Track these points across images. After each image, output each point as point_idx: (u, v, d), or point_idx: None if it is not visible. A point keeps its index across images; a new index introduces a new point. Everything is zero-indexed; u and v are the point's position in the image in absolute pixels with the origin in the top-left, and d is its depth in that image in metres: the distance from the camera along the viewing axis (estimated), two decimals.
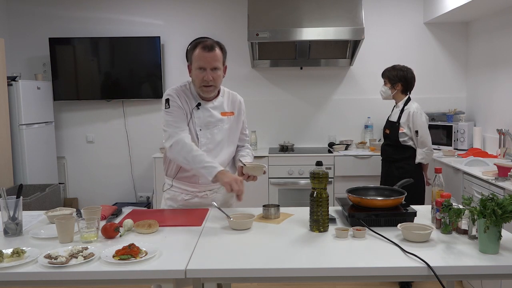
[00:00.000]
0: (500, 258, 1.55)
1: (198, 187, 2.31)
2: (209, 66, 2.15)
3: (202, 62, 2.15)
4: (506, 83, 3.92)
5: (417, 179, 3.14)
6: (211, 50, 2.15)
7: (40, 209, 2.62)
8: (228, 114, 2.33)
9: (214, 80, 2.18)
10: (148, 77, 4.72)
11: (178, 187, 2.35)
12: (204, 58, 2.15)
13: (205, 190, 2.32)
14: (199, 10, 4.76)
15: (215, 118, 2.28)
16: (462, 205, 1.78)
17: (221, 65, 2.21)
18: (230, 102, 2.36)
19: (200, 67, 2.16)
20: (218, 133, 2.28)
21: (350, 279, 1.55)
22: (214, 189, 2.34)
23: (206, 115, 2.26)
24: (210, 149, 2.25)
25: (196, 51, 2.17)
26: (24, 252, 1.60)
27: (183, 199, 2.33)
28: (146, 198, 4.94)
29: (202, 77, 2.16)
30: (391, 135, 3.44)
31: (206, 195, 2.33)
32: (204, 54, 2.14)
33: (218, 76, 2.20)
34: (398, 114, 3.42)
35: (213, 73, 2.17)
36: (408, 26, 4.70)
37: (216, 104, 2.30)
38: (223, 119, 2.30)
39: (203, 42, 2.18)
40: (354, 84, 4.80)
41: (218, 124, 2.28)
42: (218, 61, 2.17)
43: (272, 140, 4.83)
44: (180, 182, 2.33)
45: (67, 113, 4.91)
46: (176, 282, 1.53)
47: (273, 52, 4.64)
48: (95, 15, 4.79)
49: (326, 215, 1.86)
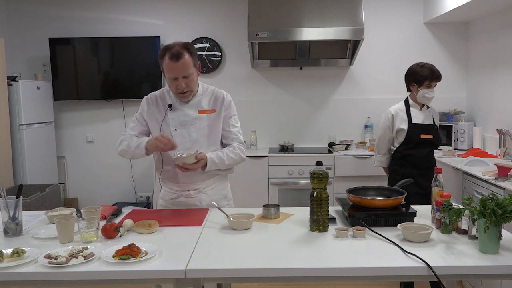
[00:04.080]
0: (500, 258, 1.55)
1: (181, 186, 2.32)
2: (180, 75, 2.15)
3: (172, 73, 2.15)
4: (506, 83, 3.92)
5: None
6: (178, 59, 2.12)
7: (40, 209, 2.63)
8: (208, 112, 2.29)
9: (187, 86, 2.20)
10: (148, 77, 4.72)
11: (166, 186, 2.39)
12: (174, 69, 2.14)
13: (188, 189, 2.32)
14: (199, 10, 4.76)
15: (191, 116, 2.27)
16: (462, 205, 1.78)
17: (192, 69, 2.19)
18: (212, 100, 2.33)
19: (172, 78, 2.17)
20: (195, 131, 2.27)
21: (350, 279, 1.55)
22: (199, 189, 2.32)
23: (180, 114, 2.27)
24: (188, 148, 2.23)
25: (165, 61, 2.15)
26: (24, 252, 1.60)
27: (170, 198, 2.35)
28: (146, 198, 4.94)
29: (175, 86, 2.18)
30: (435, 139, 3.18)
31: (190, 194, 2.32)
32: (172, 65, 2.13)
33: (191, 81, 2.20)
34: (428, 116, 3.21)
35: (186, 80, 2.17)
36: (408, 26, 4.70)
37: (192, 103, 2.29)
38: (200, 117, 2.28)
39: (170, 50, 2.14)
40: (354, 84, 4.80)
41: (195, 123, 2.27)
42: (187, 68, 2.15)
43: (272, 140, 4.83)
44: (166, 181, 2.37)
45: (67, 113, 4.91)
46: (176, 282, 1.53)
47: (273, 52, 4.64)
48: (95, 15, 4.79)
49: (326, 215, 1.86)
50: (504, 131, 3.75)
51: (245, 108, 4.57)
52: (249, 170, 4.18)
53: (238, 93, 4.63)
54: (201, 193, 2.33)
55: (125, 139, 2.31)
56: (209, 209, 2.25)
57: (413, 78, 3.15)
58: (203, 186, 2.32)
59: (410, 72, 3.20)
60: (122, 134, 2.38)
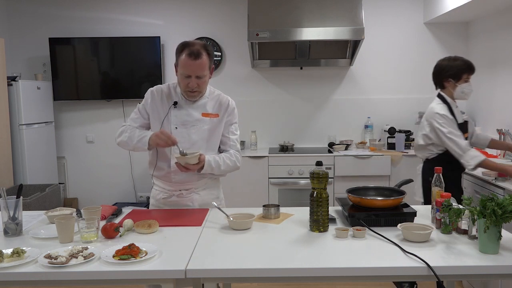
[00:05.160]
0: (500, 258, 1.55)
1: (173, 186, 2.30)
2: (194, 74, 2.14)
3: (187, 70, 2.13)
4: (506, 83, 3.92)
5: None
6: (197, 58, 2.11)
7: (40, 209, 2.63)
8: (211, 116, 2.28)
9: (199, 87, 2.18)
10: (148, 77, 4.72)
11: (158, 185, 2.37)
12: (190, 66, 2.12)
13: (180, 189, 2.30)
14: (199, 10, 4.76)
15: (193, 117, 2.26)
16: (462, 205, 1.78)
17: (207, 71, 2.19)
18: (217, 105, 2.31)
19: (186, 75, 2.15)
20: (196, 133, 2.25)
21: (350, 279, 1.55)
22: (191, 189, 2.31)
23: (184, 113, 2.26)
24: (186, 148, 2.21)
25: (183, 57, 2.13)
26: (24, 252, 1.60)
27: (161, 198, 2.33)
28: (146, 198, 4.94)
29: (187, 83, 2.17)
30: (468, 138, 3.02)
31: (182, 194, 2.30)
32: (190, 62, 2.11)
33: (203, 82, 2.20)
34: (459, 112, 3.02)
35: (198, 80, 2.16)
36: (408, 26, 4.70)
37: (198, 104, 2.28)
38: (203, 120, 2.27)
39: (190, 47, 2.13)
40: (354, 84, 4.80)
41: (196, 124, 2.26)
42: (203, 69, 2.15)
43: (272, 140, 4.84)
44: (159, 180, 2.35)
45: (67, 113, 4.91)
46: (176, 282, 1.53)
47: (273, 52, 4.64)
48: (95, 15, 4.79)
49: (326, 215, 1.86)
50: (504, 131, 3.75)
51: (245, 108, 4.57)
52: (249, 170, 4.18)
53: (238, 93, 4.64)
54: (193, 193, 2.32)
55: (125, 130, 2.27)
56: (209, 209, 2.25)
57: (450, 73, 2.95)
58: (195, 186, 2.31)
59: (444, 67, 2.98)
60: (122, 125, 2.34)
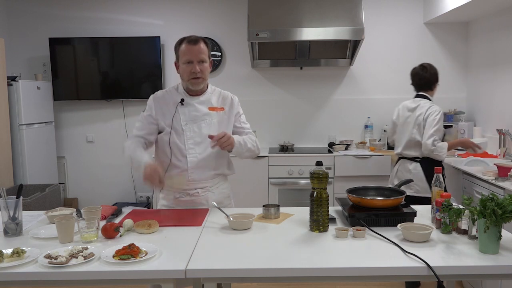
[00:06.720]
0: (500, 258, 1.55)
1: (188, 185, 2.30)
2: (196, 58, 2.22)
3: (188, 55, 2.22)
4: (506, 83, 3.92)
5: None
6: (196, 43, 2.23)
7: (40, 209, 2.63)
8: (218, 110, 2.35)
9: (202, 72, 2.24)
10: (148, 77, 4.72)
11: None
12: (190, 51, 2.22)
13: (195, 188, 2.31)
14: (199, 10, 4.76)
15: (201, 112, 2.30)
16: (462, 205, 1.78)
17: (207, 58, 2.27)
18: (220, 99, 2.39)
19: (188, 61, 2.22)
20: (206, 127, 2.29)
21: (350, 279, 1.55)
22: (206, 187, 2.32)
23: (191, 109, 2.30)
24: (198, 143, 2.27)
25: (182, 46, 2.25)
26: (24, 252, 1.60)
27: (174, 197, 2.33)
28: (146, 198, 4.94)
29: (190, 70, 2.23)
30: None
31: (197, 193, 2.31)
32: (189, 47, 2.22)
33: (206, 68, 2.27)
34: None
35: (200, 65, 2.23)
36: (408, 26, 4.70)
37: (202, 99, 2.33)
38: (211, 114, 2.32)
39: (188, 37, 2.26)
40: (354, 84, 4.80)
41: (205, 118, 2.30)
42: (204, 53, 2.24)
43: (272, 140, 4.83)
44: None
45: (67, 113, 4.91)
46: (176, 282, 1.53)
47: (273, 52, 4.64)
48: (95, 15, 4.79)
49: (326, 215, 1.86)
50: (504, 131, 3.75)
51: (245, 108, 4.50)
52: (249, 170, 4.18)
53: (238, 93, 4.54)
54: (208, 191, 2.33)
55: (128, 148, 2.27)
56: (209, 209, 2.25)
57: (437, 77, 3.28)
58: (210, 184, 2.33)
59: (435, 72, 3.30)
60: (126, 139, 2.36)
